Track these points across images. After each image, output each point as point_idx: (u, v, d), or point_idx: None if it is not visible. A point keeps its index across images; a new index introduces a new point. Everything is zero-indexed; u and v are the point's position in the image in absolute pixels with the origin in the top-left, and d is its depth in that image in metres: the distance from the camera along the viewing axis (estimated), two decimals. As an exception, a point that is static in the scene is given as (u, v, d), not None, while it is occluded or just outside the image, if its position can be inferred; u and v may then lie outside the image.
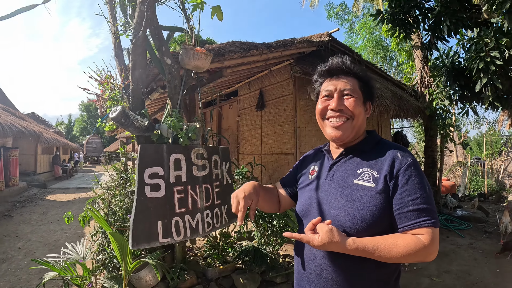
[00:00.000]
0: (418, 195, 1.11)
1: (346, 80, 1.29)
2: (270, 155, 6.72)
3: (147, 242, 2.52)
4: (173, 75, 2.99)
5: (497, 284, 3.88)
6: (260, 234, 4.04)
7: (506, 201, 9.12)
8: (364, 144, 1.31)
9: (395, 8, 5.53)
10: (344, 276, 1.16)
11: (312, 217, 1.22)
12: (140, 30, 2.66)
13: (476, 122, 16.23)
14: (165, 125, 2.91)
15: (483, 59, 4.21)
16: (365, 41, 15.68)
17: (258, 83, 7.01)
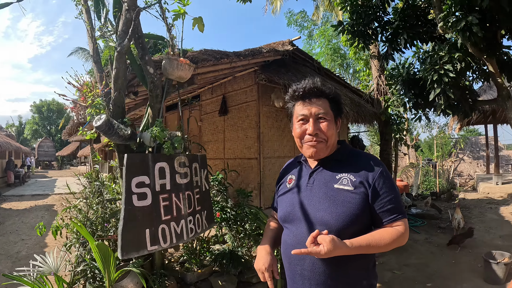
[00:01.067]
0: (392, 196, 1.37)
1: (319, 103, 1.46)
2: (233, 159, 6.84)
3: (136, 251, 2.55)
4: (156, 84, 3.02)
5: (454, 273, 4.32)
6: (233, 237, 4.16)
7: (457, 199, 9.80)
8: (339, 154, 1.51)
9: (356, 20, 5.91)
10: (334, 268, 1.35)
11: (297, 221, 1.44)
12: (126, 38, 2.68)
13: (427, 126, 17.60)
14: (147, 134, 2.95)
15: (437, 71, 4.63)
16: (324, 49, 16.32)
17: (221, 88, 7.10)
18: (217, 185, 4.24)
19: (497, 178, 11.07)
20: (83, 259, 2.91)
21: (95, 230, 3.01)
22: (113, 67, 2.73)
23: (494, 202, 8.95)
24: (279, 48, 6.06)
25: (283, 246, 1.54)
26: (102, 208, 3.11)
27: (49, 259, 3.05)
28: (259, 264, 1.52)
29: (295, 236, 1.44)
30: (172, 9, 2.95)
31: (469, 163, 18.29)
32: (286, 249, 1.49)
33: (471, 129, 28.11)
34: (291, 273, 1.48)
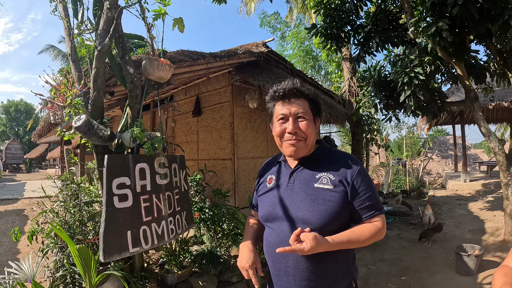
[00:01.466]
0: (370, 194, 1.44)
1: (298, 103, 1.50)
2: (207, 160, 6.83)
3: (118, 253, 2.51)
4: (135, 84, 2.99)
5: (427, 266, 4.52)
6: (211, 237, 4.17)
7: (427, 196, 10.15)
8: (318, 154, 1.56)
9: (329, 24, 6.07)
10: (317, 263, 1.40)
11: (280, 220, 1.48)
12: (107, 37, 2.63)
13: (396, 126, 18.21)
14: (127, 135, 2.91)
15: (408, 74, 4.83)
16: (296, 50, 16.52)
17: (195, 89, 7.07)
18: (195, 185, 4.23)
19: (465, 175, 11.55)
20: (62, 264, 2.82)
21: (73, 233, 2.92)
22: (92, 67, 2.67)
23: (463, 199, 9.31)
24: (254, 49, 6.11)
25: (265, 245, 1.57)
26: (80, 211, 3.03)
27: (25, 265, 2.93)
28: (242, 262, 1.54)
29: (278, 235, 1.47)
30: (152, 9, 2.93)
31: (437, 161, 19.16)
32: (269, 247, 1.52)
33: (440, 129, 29.37)
34: (276, 270, 1.51)
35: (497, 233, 5.66)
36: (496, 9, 4.07)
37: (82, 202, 3.06)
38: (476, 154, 21.16)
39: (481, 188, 10.50)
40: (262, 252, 1.68)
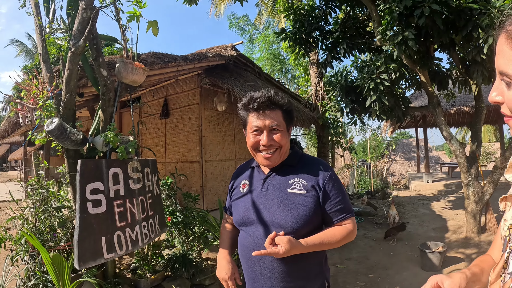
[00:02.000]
0: (341, 197, 1.51)
1: (272, 115, 1.52)
2: (175, 163, 6.76)
3: (93, 260, 2.46)
4: (109, 87, 2.94)
5: (393, 264, 4.71)
6: (182, 241, 4.15)
7: (391, 196, 10.43)
8: (290, 159, 1.62)
9: (298, 29, 6.21)
10: (291, 265, 1.46)
11: (254, 225, 1.53)
12: (81, 38, 2.57)
13: (361, 129, 18.74)
14: (100, 139, 2.86)
15: (373, 80, 5.02)
16: (264, 54, 16.62)
17: (163, 91, 6.98)
18: (166, 189, 4.20)
19: (427, 176, 12.10)
20: (34, 273, 2.71)
21: (44, 240, 2.81)
22: (65, 68, 2.60)
23: (426, 199, 9.72)
24: (223, 52, 6.14)
25: (240, 249, 1.61)
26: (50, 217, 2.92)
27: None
28: (221, 273, 1.62)
29: (253, 239, 1.51)
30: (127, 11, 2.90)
31: (401, 163, 19.96)
32: (244, 251, 1.56)
33: (403, 132, 30.40)
34: (251, 273, 1.55)
35: (459, 231, 6.01)
36: (460, 21, 4.34)
37: (52, 207, 2.95)
38: (438, 156, 22.25)
39: (443, 188, 11.02)
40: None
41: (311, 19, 6.31)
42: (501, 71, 0.70)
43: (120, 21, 3.00)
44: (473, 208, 5.53)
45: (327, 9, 6.38)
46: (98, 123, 3.04)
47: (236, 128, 7.40)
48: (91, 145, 2.94)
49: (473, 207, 5.52)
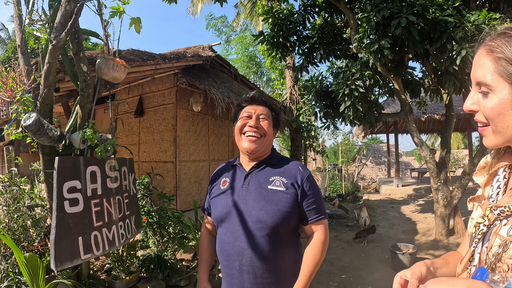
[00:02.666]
0: (316, 198, 1.60)
1: (263, 108, 1.69)
2: (148, 162, 6.65)
3: (70, 261, 2.39)
4: (88, 83, 2.87)
5: (364, 265, 4.83)
6: (157, 241, 4.09)
7: (362, 200, 10.69)
8: (271, 159, 1.70)
9: (276, 32, 6.29)
10: (270, 260, 1.52)
11: (234, 220, 1.58)
12: (63, 31, 2.50)
13: (332, 133, 19.05)
14: (77, 136, 2.79)
15: (349, 86, 5.15)
16: (240, 55, 16.61)
17: (139, 89, 6.85)
18: (142, 189, 4.13)
19: (397, 181, 12.47)
20: (7, 274, 2.58)
21: (17, 240, 2.69)
22: (45, 62, 2.51)
23: (396, 202, 10.03)
24: (201, 52, 6.13)
25: (219, 245, 1.64)
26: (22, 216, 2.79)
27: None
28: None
29: (232, 234, 1.56)
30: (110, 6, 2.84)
31: (371, 167, 20.50)
32: (223, 247, 1.60)
33: (374, 137, 31.14)
34: (229, 269, 1.58)
35: (428, 233, 6.25)
36: (435, 33, 4.53)
37: (25, 206, 2.83)
38: (408, 162, 23.03)
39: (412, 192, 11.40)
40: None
41: (289, 23, 6.42)
42: (480, 82, 0.79)
43: (103, 16, 2.94)
44: (442, 212, 5.79)
45: (306, 14, 6.51)
46: (75, 119, 2.95)
47: (210, 129, 7.39)
48: (68, 142, 2.85)
49: (442, 210, 5.78)
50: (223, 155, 7.94)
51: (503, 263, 0.73)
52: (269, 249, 1.51)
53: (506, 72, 0.75)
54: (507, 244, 0.73)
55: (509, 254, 0.72)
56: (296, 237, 1.66)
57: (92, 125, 2.82)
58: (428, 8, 4.39)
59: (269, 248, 1.51)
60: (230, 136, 8.20)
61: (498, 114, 0.76)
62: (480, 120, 0.82)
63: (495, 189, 0.88)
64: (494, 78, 0.76)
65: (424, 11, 4.37)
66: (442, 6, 4.45)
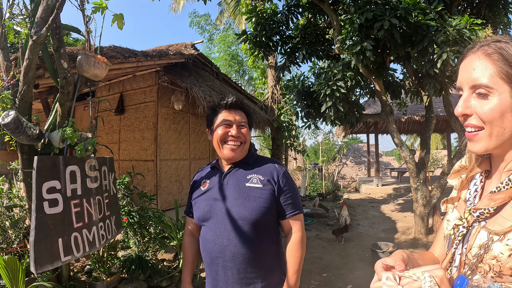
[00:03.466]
0: (293, 193, 1.65)
1: (240, 114, 1.73)
2: (129, 161, 6.54)
3: (50, 263, 2.32)
4: (68, 80, 2.79)
5: (345, 264, 4.88)
6: (138, 242, 4.03)
7: (342, 198, 10.76)
8: (248, 158, 1.75)
9: (259, 32, 6.28)
10: (252, 256, 1.56)
11: (216, 218, 1.62)
12: (44, 27, 2.42)
13: (313, 133, 19.15)
14: (57, 134, 2.72)
15: (330, 87, 5.20)
16: (223, 54, 16.51)
17: (119, 86, 6.72)
18: (123, 189, 4.06)
19: (377, 180, 12.65)
20: None
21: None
22: (25, 57, 2.43)
23: (376, 202, 10.15)
24: (183, 50, 6.05)
25: (202, 243, 1.68)
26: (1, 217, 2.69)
27: None
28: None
29: (215, 232, 1.60)
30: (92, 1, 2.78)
31: (351, 167, 20.77)
32: (206, 245, 1.64)
33: (354, 137, 31.47)
34: (213, 266, 1.61)
35: (408, 232, 6.37)
36: (417, 36, 4.61)
37: (3, 206, 2.73)
38: (387, 161, 23.44)
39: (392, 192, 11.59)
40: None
41: (272, 23, 6.43)
42: (477, 84, 0.79)
43: (85, 11, 2.87)
44: (421, 211, 5.92)
45: (289, 14, 6.53)
46: (55, 117, 2.87)
47: (191, 128, 7.33)
48: (47, 141, 2.77)
49: (421, 210, 5.92)
50: (204, 154, 7.90)
51: (485, 263, 0.76)
52: (250, 245, 1.55)
53: (507, 74, 0.77)
54: (488, 245, 0.75)
55: (490, 255, 0.74)
56: (276, 232, 1.71)
57: (72, 123, 2.76)
58: (411, 12, 4.47)
59: (250, 244, 1.55)
60: (212, 135, 8.12)
61: (498, 116, 0.77)
62: (474, 125, 0.82)
63: (472, 193, 0.91)
64: (495, 80, 0.77)
65: (407, 14, 4.44)
66: (425, 10, 4.54)
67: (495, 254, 0.74)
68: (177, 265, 4.01)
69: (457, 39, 4.25)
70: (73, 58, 2.91)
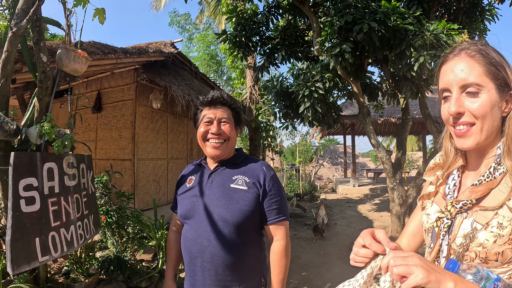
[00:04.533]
0: (279, 198, 1.62)
1: (222, 110, 1.67)
2: (106, 160, 6.39)
3: (28, 263, 2.24)
4: (47, 75, 2.72)
5: (324, 262, 4.94)
6: (116, 242, 3.95)
7: (319, 199, 10.84)
8: (235, 158, 1.72)
9: (239, 32, 6.29)
10: (232, 258, 1.53)
11: (197, 217, 1.60)
12: (25, 18, 2.34)
13: (290, 134, 19.24)
14: (34, 130, 2.64)
15: (309, 88, 5.25)
16: (202, 53, 16.38)
17: (97, 84, 6.57)
18: (101, 187, 3.96)
19: (354, 181, 12.84)
20: None
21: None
22: (3, 50, 2.34)
23: (352, 202, 10.30)
24: (163, 48, 5.99)
25: (183, 241, 1.65)
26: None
27: None
28: None
29: (196, 231, 1.57)
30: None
31: (328, 168, 21.00)
32: (187, 243, 1.62)
33: (331, 139, 31.89)
34: (192, 266, 1.59)
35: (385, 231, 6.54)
36: (395, 40, 4.71)
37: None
38: (363, 162, 23.86)
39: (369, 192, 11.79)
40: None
41: (252, 23, 6.44)
42: (467, 84, 0.86)
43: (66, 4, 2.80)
44: (397, 210, 6.07)
45: (269, 15, 6.56)
46: (32, 113, 2.78)
47: (169, 127, 7.25)
48: (24, 137, 2.68)
49: (398, 209, 6.06)
50: (182, 154, 7.82)
51: (471, 251, 0.82)
52: (230, 247, 1.52)
53: (491, 72, 0.85)
54: (473, 234, 0.82)
55: (476, 242, 0.81)
56: (259, 236, 1.68)
57: (50, 119, 2.68)
58: (390, 16, 4.57)
59: (230, 247, 1.52)
60: (189, 135, 8.11)
61: (489, 111, 0.84)
62: (467, 122, 0.87)
63: (451, 187, 0.97)
64: (482, 79, 0.85)
65: (386, 18, 4.54)
66: (404, 14, 4.66)
67: (481, 241, 0.80)
68: (156, 266, 3.96)
69: (434, 44, 4.38)
70: (52, 52, 2.83)
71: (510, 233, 0.77)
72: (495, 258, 0.79)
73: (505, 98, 0.86)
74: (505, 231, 0.78)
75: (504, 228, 0.78)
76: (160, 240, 3.94)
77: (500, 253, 0.79)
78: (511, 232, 0.77)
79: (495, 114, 0.85)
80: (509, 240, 0.78)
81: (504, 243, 0.78)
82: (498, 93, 0.85)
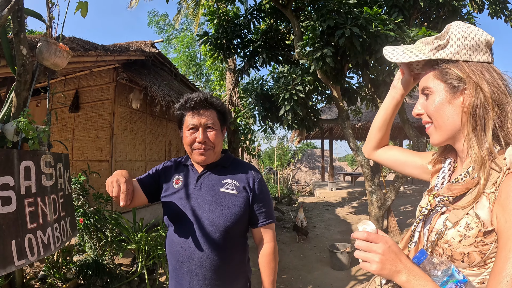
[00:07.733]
0: (267, 201, 1.64)
1: (207, 114, 1.60)
2: (82, 161, 6.19)
3: (3, 268, 2.11)
4: (26, 68, 2.59)
5: (304, 265, 4.95)
6: (94, 245, 3.80)
7: (297, 202, 10.93)
8: (224, 161, 1.69)
9: (221, 34, 6.25)
10: (219, 263, 1.52)
11: (186, 221, 1.56)
12: (6, 8, 2.23)
13: (268, 137, 19.20)
14: (11, 126, 2.51)
15: (289, 91, 5.25)
16: (181, 55, 16.22)
17: (75, 82, 6.36)
18: (78, 188, 3.81)
19: (332, 184, 12.95)
20: None
21: None
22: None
23: (330, 205, 10.37)
24: (143, 48, 5.88)
25: (169, 245, 1.62)
26: None
27: None
28: (117, 176, 1.42)
29: (183, 235, 1.54)
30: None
31: (305, 171, 21.14)
32: (173, 247, 1.58)
33: (308, 143, 32.21)
34: (179, 270, 1.56)
35: None
36: (376, 45, 4.76)
37: None
38: (341, 166, 24.18)
39: (346, 195, 11.90)
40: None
41: (234, 26, 6.43)
42: (423, 87, 0.97)
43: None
44: (376, 213, 6.14)
45: (251, 18, 6.56)
46: (9, 108, 2.65)
47: (148, 128, 7.12)
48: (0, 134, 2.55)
49: (376, 212, 6.13)
50: (160, 156, 7.68)
51: (439, 247, 0.86)
52: (219, 252, 1.51)
53: (440, 73, 0.92)
54: (441, 231, 0.86)
55: (444, 239, 0.85)
56: (244, 238, 1.67)
57: (27, 114, 2.56)
58: (371, 22, 4.63)
59: (219, 251, 1.51)
60: (168, 136, 7.98)
61: (437, 110, 0.92)
62: (426, 120, 0.98)
63: (440, 179, 1.00)
64: (432, 81, 0.94)
65: (368, 24, 4.60)
66: (385, 21, 4.73)
67: (447, 238, 0.84)
68: (135, 270, 3.84)
69: (413, 50, 4.47)
70: (32, 46, 2.72)
71: (476, 235, 0.78)
72: (460, 258, 0.81)
73: (457, 95, 0.89)
74: (471, 233, 0.79)
75: (471, 229, 0.79)
76: (140, 244, 3.82)
77: (465, 254, 0.80)
78: (477, 235, 0.78)
79: (447, 111, 0.90)
80: (475, 243, 0.79)
81: (470, 244, 0.79)
82: (448, 92, 0.90)
